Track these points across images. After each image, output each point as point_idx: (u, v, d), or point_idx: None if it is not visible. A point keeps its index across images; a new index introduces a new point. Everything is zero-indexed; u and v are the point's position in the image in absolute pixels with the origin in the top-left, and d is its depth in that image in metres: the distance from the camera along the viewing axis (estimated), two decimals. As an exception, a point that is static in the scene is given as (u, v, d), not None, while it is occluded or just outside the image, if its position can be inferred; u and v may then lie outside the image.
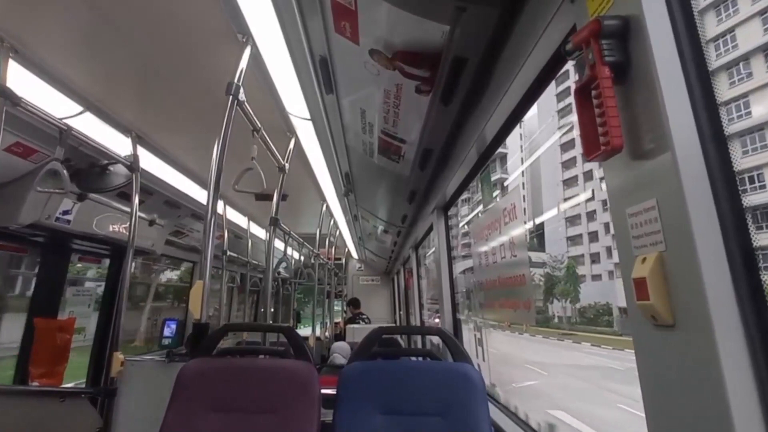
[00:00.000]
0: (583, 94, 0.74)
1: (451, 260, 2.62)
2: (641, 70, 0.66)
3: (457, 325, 2.51)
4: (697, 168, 0.59)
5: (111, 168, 2.41)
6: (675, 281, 0.60)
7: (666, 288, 0.61)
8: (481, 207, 2.09)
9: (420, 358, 1.84)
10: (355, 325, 5.51)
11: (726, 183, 0.59)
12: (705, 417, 0.55)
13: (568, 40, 0.78)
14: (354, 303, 6.91)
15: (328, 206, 4.22)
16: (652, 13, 0.64)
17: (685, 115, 0.61)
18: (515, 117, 1.42)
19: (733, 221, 0.58)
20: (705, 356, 0.55)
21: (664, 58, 0.63)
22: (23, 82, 1.76)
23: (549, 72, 1.12)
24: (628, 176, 0.70)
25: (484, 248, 1.92)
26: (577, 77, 0.80)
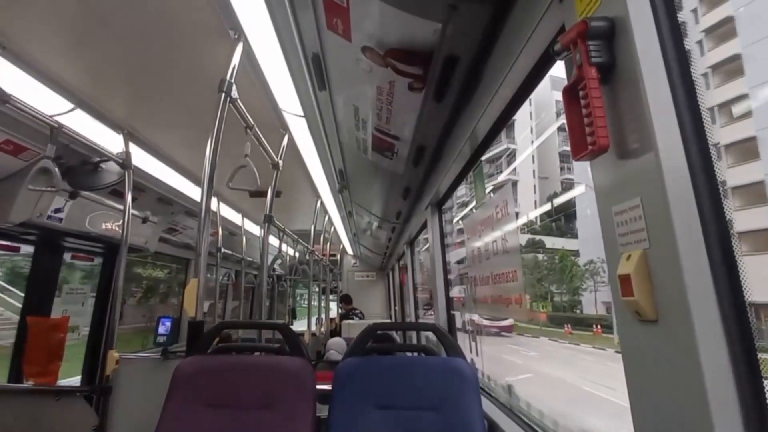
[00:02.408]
0: (571, 93, 0.75)
1: (445, 256, 2.64)
2: (626, 71, 0.67)
3: (451, 320, 2.53)
4: (679, 168, 0.61)
5: (103, 165, 2.39)
6: (658, 278, 0.62)
7: (649, 285, 0.63)
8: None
9: (415, 354, 1.86)
10: (351, 321, 5.53)
11: (707, 183, 0.61)
12: (686, 408, 0.57)
13: (557, 39, 0.79)
14: (345, 299, 6.93)
15: (322, 203, 4.22)
16: (637, 14, 0.66)
17: (668, 116, 0.63)
18: (507, 114, 1.43)
19: (714, 220, 0.59)
20: (686, 350, 0.56)
21: (648, 60, 0.64)
22: (12, 78, 1.74)
23: (539, 70, 1.13)
24: (614, 175, 0.71)
25: (477, 244, 1.94)
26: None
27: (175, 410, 1.33)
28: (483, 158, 1.92)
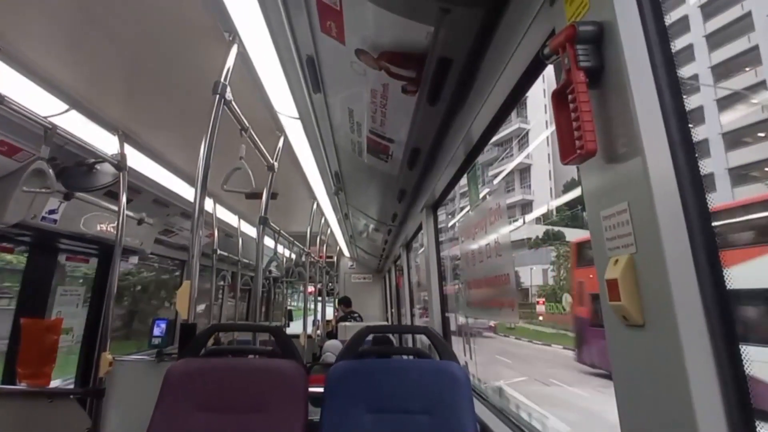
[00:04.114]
0: (560, 97, 0.75)
1: (440, 259, 2.64)
2: (614, 76, 0.67)
3: (445, 323, 2.53)
4: (666, 172, 0.61)
5: (98, 167, 2.39)
6: (644, 283, 0.62)
7: (636, 289, 0.63)
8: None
9: (409, 357, 1.85)
10: (347, 323, 5.52)
11: (693, 187, 0.61)
12: (672, 412, 0.57)
13: (546, 43, 0.80)
14: (345, 302, 6.91)
15: (318, 205, 4.21)
16: (625, 19, 0.66)
17: (655, 121, 0.63)
18: (500, 116, 1.43)
19: (699, 225, 0.59)
20: (671, 355, 0.56)
21: (635, 64, 0.64)
22: (5, 79, 1.74)
23: (531, 73, 1.13)
24: (602, 180, 0.71)
25: (471, 247, 1.94)
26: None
27: (166, 413, 1.32)
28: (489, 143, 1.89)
